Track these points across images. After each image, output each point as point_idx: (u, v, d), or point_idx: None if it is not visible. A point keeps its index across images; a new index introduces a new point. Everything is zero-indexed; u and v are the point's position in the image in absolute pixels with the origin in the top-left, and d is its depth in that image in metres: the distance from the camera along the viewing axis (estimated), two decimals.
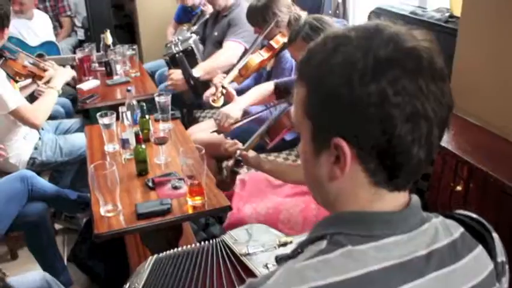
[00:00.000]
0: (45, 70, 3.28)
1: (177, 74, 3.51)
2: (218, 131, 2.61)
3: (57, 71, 3.23)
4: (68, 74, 3.27)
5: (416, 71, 0.73)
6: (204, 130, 3.14)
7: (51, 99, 3.03)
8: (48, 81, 3.24)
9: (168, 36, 4.83)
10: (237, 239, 1.63)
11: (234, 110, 2.61)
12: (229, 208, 2.09)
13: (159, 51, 5.14)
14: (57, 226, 3.26)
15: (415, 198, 0.84)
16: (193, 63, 3.52)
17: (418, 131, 0.74)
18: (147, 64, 4.77)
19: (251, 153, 2.11)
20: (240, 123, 2.53)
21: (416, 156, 0.75)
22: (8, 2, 2.69)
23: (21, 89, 3.21)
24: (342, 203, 0.82)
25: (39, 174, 3.12)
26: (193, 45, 3.54)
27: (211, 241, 1.64)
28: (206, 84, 3.34)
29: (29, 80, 3.29)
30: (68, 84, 3.59)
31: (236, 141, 2.12)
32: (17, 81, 3.08)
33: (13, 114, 2.76)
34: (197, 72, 3.46)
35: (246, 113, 2.68)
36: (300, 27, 2.16)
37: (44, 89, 3.17)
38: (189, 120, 3.91)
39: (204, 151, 2.05)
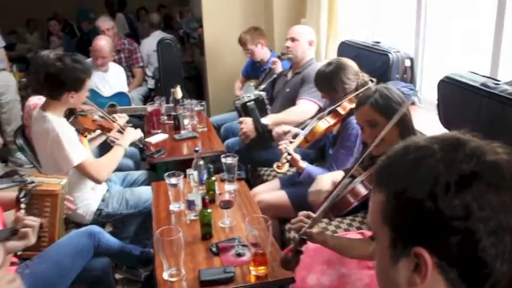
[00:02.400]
0: (114, 121, 3.38)
1: (247, 122, 3.58)
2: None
3: (128, 130, 3.30)
4: (137, 134, 3.34)
5: (500, 185, 0.74)
6: (268, 191, 3.14)
7: (117, 156, 3.11)
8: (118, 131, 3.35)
9: (235, 91, 4.92)
10: None
11: (323, 183, 2.43)
12: (293, 280, 2.06)
13: (226, 104, 5.25)
14: (118, 276, 3.30)
15: None
16: (264, 113, 3.60)
17: (501, 245, 0.74)
18: (214, 117, 4.84)
19: (315, 230, 2.07)
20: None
21: (499, 270, 0.75)
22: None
23: (90, 140, 3.31)
24: None
25: (104, 224, 3.20)
26: (264, 97, 3.63)
27: None
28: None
29: (98, 132, 3.37)
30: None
31: (302, 218, 2.00)
32: (85, 136, 3.16)
33: (78, 169, 2.86)
34: (266, 120, 3.52)
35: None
36: (370, 93, 2.15)
37: (116, 139, 3.27)
38: (253, 176, 3.92)
39: (270, 222, 2.04)
